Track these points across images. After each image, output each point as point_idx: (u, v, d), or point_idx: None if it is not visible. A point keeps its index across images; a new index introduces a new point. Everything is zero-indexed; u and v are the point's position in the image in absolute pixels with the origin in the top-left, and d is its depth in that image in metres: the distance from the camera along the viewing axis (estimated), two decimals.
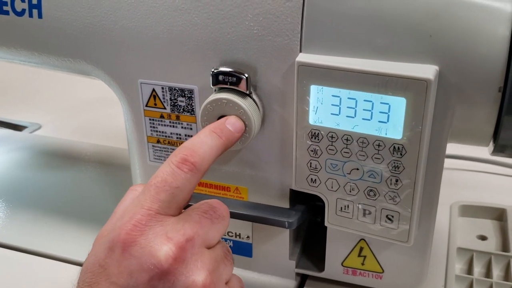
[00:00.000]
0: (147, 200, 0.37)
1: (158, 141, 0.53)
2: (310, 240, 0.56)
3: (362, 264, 0.50)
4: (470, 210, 0.67)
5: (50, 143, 0.82)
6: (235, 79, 0.45)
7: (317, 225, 0.56)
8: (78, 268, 0.56)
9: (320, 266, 0.53)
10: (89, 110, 0.96)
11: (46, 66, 0.56)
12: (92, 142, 0.83)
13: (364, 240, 0.49)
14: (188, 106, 0.49)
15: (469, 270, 0.58)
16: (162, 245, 0.36)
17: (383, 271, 0.50)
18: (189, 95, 0.49)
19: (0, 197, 0.68)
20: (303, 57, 0.42)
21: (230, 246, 0.54)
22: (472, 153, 0.76)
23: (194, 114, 0.50)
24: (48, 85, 1.04)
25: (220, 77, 0.45)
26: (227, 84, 0.45)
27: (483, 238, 0.62)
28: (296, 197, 0.50)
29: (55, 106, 0.97)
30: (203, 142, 0.40)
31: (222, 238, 0.53)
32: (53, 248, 0.59)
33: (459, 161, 0.76)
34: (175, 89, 0.49)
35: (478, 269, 0.58)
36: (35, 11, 0.51)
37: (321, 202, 0.48)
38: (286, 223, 0.46)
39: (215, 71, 0.45)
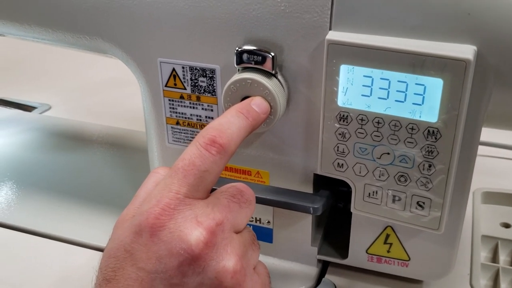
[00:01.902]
0: (174, 184, 0.36)
1: (177, 123, 0.51)
2: (332, 226, 0.55)
3: (388, 251, 0.49)
4: (493, 197, 0.65)
5: (61, 124, 0.80)
6: (260, 58, 0.43)
7: (338, 210, 0.55)
8: (91, 251, 0.55)
9: (343, 253, 0.51)
10: (100, 90, 0.94)
11: (60, 43, 0.54)
12: (104, 123, 0.81)
13: (391, 227, 0.48)
14: (209, 86, 0.47)
15: (494, 258, 0.56)
16: (192, 229, 0.34)
17: (409, 258, 0.49)
18: (210, 75, 0.47)
19: (11, 179, 0.67)
20: (333, 35, 0.40)
21: None
22: (494, 138, 0.74)
23: (215, 95, 0.48)
24: (58, 64, 1.02)
25: (245, 56, 0.43)
26: (251, 64, 0.43)
27: (506, 225, 0.61)
28: (319, 181, 0.49)
29: (65, 86, 0.95)
30: (230, 122, 0.38)
31: None
32: (67, 232, 0.58)
33: (480, 146, 0.74)
34: (196, 69, 0.47)
35: (503, 257, 0.56)
36: None
37: (344, 187, 0.47)
38: (311, 208, 0.44)
39: (240, 49, 0.43)
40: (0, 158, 0.71)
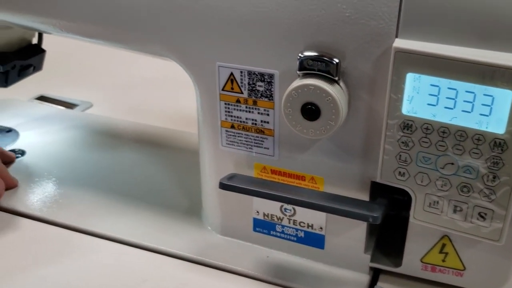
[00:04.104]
0: None
1: (232, 126, 0.51)
2: (384, 233, 0.54)
3: (443, 260, 0.48)
4: None
5: (104, 123, 0.80)
6: (324, 64, 0.42)
7: (390, 218, 0.54)
8: (137, 250, 0.55)
9: (396, 261, 0.51)
10: (141, 89, 0.94)
11: (115, 44, 0.54)
12: (145, 122, 0.81)
13: (447, 236, 0.47)
14: (267, 91, 0.47)
15: None
16: None
17: (464, 268, 0.48)
18: (268, 80, 0.47)
19: (58, 176, 0.67)
20: (401, 43, 0.40)
21: (301, 237, 0.53)
22: None
23: (272, 99, 0.47)
24: (98, 62, 1.03)
25: (308, 62, 0.43)
26: (315, 70, 0.43)
27: None
28: (375, 189, 0.48)
29: (106, 84, 0.96)
30: None
31: (294, 228, 0.52)
32: (115, 231, 0.58)
33: None
34: (254, 73, 0.47)
35: None
36: None
37: (400, 196, 0.46)
38: (371, 217, 0.44)
39: (303, 55, 0.43)
40: (46, 155, 0.72)
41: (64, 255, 0.55)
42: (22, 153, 0.73)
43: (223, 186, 0.49)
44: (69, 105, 0.88)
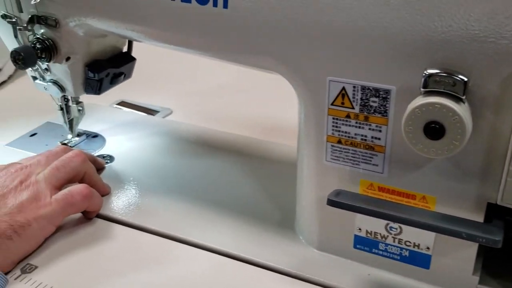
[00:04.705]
0: None
1: (339, 141, 0.50)
2: (491, 254, 0.52)
3: None
4: None
5: (188, 130, 0.81)
6: (451, 82, 0.41)
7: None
8: (233, 261, 0.55)
9: (507, 284, 0.49)
10: (220, 96, 0.94)
11: (221, 58, 0.55)
12: (225, 130, 0.81)
13: None
14: (381, 107, 0.46)
15: None
16: None
17: None
18: (384, 96, 0.46)
19: (146, 183, 0.68)
20: None
21: (405, 256, 0.52)
22: None
23: (386, 115, 0.47)
24: (176, 68, 1.03)
25: (434, 79, 0.42)
26: (441, 88, 0.42)
27: None
28: (489, 210, 0.47)
29: (184, 90, 0.97)
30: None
31: (398, 247, 0.51)
32: (209, 239, 0.58)
33: None
34: (368, 89, 0.46)
35: None
36: (220, 0, 0.50)
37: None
38: (492, 241, 0.43)
39: (428, 72, 0.42)
40: (134, 161, 0.73)
41: (161, 263, 0.56)
42: (111, 158, 0.74)
43: (331, 202, 0.49)
44: (150, 111, 0.89)
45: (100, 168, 0.70)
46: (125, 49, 0.73)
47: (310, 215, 0.56)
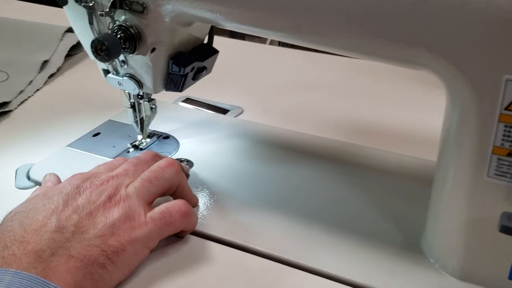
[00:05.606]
0: None
1: (509, 154, 0.41)
2: None
3: None
4: None
5: (267, 132, 0.72)
6: None
7: None
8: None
9: None
10: (290, 93, 0.86)
11: (361, 54, 0.46)
12: (298, 130, 0.72)
13: None
14: None
15: None
16: None
17: None
18: None
19: (235, 194, 0.59)
20: None
21: None
22: None
23: None
24: (244, 65, 0.95)
25: None
26: None
27: None
28: None
29: (255, 88, 0.88)
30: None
31: None
32: (325, 265, 0.50)
33: None
34: None
35: None
36: None
37: None
38: None
39: None
40: (215, 167, 0.64)
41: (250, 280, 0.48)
42: (189, 163, 0.65)
43: (505, 229, 0.40)
44: (219, 110, 0.80)
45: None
46: (205, 40, 0.64)
47: (455, 239, 0.47)
